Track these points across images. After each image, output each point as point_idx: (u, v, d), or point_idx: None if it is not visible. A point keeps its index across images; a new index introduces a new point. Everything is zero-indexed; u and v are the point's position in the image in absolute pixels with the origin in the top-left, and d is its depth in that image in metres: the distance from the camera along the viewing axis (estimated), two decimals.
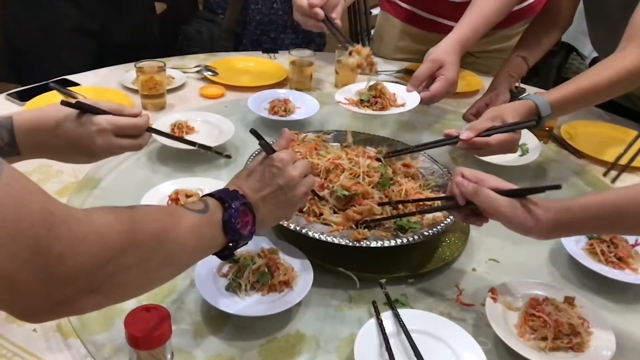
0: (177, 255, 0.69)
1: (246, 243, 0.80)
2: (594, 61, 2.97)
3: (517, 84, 1.58)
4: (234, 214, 0.76)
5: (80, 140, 0.90)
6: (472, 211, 0.93)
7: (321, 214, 1.05)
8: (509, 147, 1.15)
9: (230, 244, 0.78)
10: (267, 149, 0.86)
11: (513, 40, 1.84)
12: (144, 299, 0.93)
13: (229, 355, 0.87)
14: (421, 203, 1.07)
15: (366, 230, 1.01)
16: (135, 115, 0.96)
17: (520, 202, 0.86)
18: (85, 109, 0.91)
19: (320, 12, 1.38)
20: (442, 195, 1.04)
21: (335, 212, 1.05)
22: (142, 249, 0.62)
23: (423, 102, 1.33)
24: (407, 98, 1.34)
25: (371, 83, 1.35)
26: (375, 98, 1.32)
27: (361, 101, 1.33)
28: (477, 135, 1.12)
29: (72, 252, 0.52)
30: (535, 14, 1.68)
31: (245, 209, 0.79)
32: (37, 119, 0.88)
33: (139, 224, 0.62)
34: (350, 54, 1.38)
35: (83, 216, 0.56)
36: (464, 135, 1.12)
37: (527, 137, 1.41)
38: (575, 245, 1.10)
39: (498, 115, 1.15)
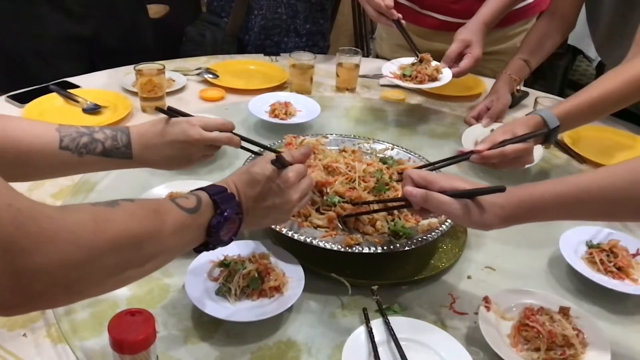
0: (155, 256, 0.68)
1: (223, 245, 0.80)
2: (600, 64, 2.95)
3: (518, 87, 1.57)
4: (223, 222, 0.75)
5: (176, 136, 0.98)
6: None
7: (309, 216, 1.04)
8: (524, 156, 1.15)
9: (207, 245, 0.77)
10: (278, 164, 0.85)
11: (512, 41, 1.83)
12: (135, 304, 0.94)
13: None
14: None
15: (359, 235, 1.00)
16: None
17: (473, 201, 0.85)
18: (177, 114, 1.02)
19: (395, 13, 1.56)
20: (399, 198, 1.02)
21: (321, 214, 1.05)
22: (121, 251, 0.61)
23: (453, 76, 1.51)
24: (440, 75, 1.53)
25: (414, 60, 1.55)
26: (417, 73, 1.51)
27: (404, 75, 1.53)
28: (491, 148, 1.12)
29: (39, 249, 0.52)
30: (534, 15, 1.68)
31: (236, 218, 0.79)
32: (146, 125, 1.00)
33: (119, 224, 0.61)
34: (421, 61, 1.54)
35: (55, 214, 0.55)
36: (479, 147, 1.13)
37: None
38: (574, 254, 1.09)
39: (509, 130, 1.15)
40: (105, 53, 1.88)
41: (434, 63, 1.53)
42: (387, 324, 0.89)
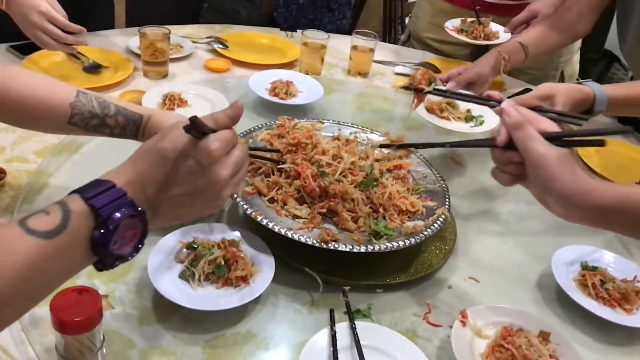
0: None
1: (128, 260, 0.60)
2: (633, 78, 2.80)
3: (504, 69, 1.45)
4: (112, 232, 0.55)
5: None
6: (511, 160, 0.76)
7: (285, 204, 0.99)
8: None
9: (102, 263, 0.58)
10: (194, 132, 0.62)
11: None
12: (95, 277, 0.90)
13: (170, 348, 0.82)
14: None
15: (337, 232, 0.94)
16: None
17: (567, 155, 0.70)
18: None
19: None
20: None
21: (300, 204, 1.00)
22: None
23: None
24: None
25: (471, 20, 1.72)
26: (474, 29, 1.68)
27: (461, 30, 1.70)
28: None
29: None
30: None
31: (134, 222, 0.58)
32: (158, 121, 0.95)
33: None
34: (480, 23, 1.69)
35: None
36: (505, 104, 1.01)
37: None
38: (566, 274, 1.02)
39: (548, 95, 1.03)
40: None
41: (494, 27, 1.69)
42: (353, 329, 0.84)
